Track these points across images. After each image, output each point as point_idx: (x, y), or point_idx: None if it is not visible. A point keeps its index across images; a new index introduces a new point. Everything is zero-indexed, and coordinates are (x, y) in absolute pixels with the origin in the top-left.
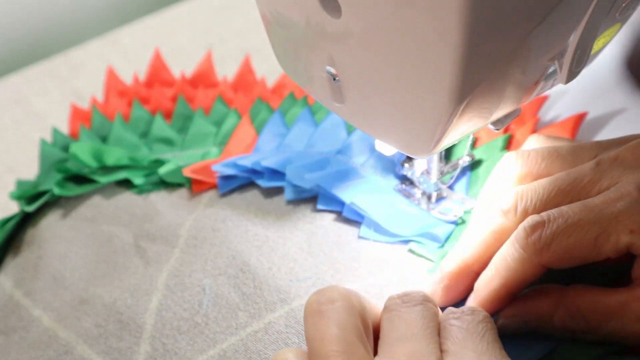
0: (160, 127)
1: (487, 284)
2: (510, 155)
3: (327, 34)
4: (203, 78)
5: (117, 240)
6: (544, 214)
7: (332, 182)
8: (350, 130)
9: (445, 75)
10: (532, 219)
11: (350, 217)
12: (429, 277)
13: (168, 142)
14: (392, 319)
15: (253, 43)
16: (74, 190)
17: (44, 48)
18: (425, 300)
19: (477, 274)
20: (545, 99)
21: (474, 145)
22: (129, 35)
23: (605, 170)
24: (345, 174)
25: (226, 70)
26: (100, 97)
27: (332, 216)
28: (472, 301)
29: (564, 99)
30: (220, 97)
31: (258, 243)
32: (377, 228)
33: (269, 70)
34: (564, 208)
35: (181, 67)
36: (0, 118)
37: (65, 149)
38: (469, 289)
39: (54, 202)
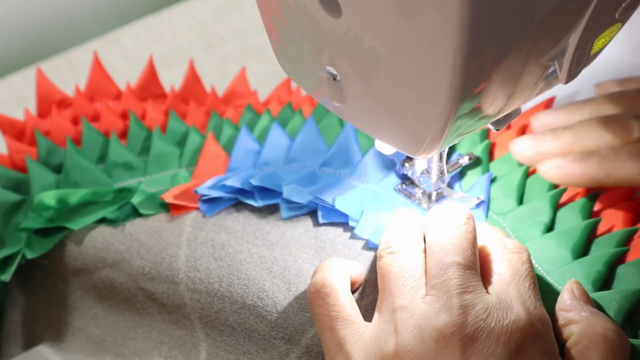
0: (118, 151)
1: (597, 165)
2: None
3: (327, 34)
4: (149, 88)
5: (119, 286)
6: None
7: (330, 194)
8: (328, 142)
9: (445, 75)
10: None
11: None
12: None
13: (128, 166)
14: (440, 236)
15: (253, 43)
16: (44, 245)
17: (44, 48)
18: (469, 218)
19: None
20: (551, 100)
21: None
22: (129, 35)
23: None
24: (338, 185)
25: (226, 71)
26: None
27: (335, 229)
28: (567, 167)
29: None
30: (173, 112)
31: (267, 265)
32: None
33: (268, 70)
34: None
35: (181, 67)
36: None
37: (15, 188)
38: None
39: (35, 265)
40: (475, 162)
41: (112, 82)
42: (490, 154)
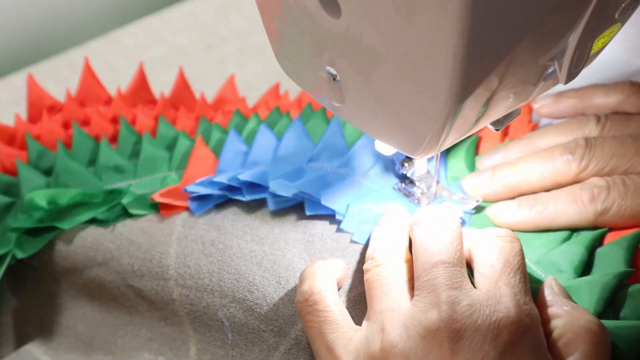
0: (108, 155)
1: (538, 215)
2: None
3: (327, 34)
4: (139, 94)
5: (108, 284)
6: (609, 179)
7: (316, 187)
8: (315, 141)
9: (444, 75)
10: (599, 183)
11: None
12: (479, 173)
13: (118, 169)
14: (425, 237)
15: (253, 43)
16: (34, 244)
17: (44, 48)
18: (455, 219)
19: (520, 194)
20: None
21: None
22: (129, 35)
23: None
24: (324, 178)
25: (226, 71)
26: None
27: (322, 223)
28: (512, 214)
29: None
30: (162, 117)
31: (257, 260)
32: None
33: (268, 70)
34: (626, 180)
35: (181, 67)
36: (0, 118)
37: (5, 191)
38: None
39: (27, 266)
40: (460, 156)
41: (103, 88)
42: (477, 147)
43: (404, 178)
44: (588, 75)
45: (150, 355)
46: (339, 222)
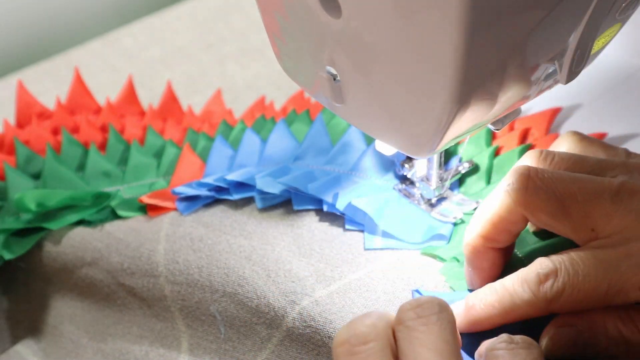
0: (97, 161)
1: (486, 311)
2: (534, 153)
3: (327, 34)
4: (128, 106)
5: (98, 283)
6: (555, 260)
7: (303, 182)
8: (299, 139)
9: (445, 75)
10: (545, 265)
11: (332, 211)
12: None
13: (107, 175)
14: (410, 341)
15: (253, 43)
16: (22, 245)
17: (44, 48)
18: (441, 311)
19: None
20: (557, 110)
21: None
22: (129, 35)
23: (623, 202)
24: (310, 175)
25: (226, 71)
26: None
27: (310, 215)
28: (463, 316)
29: (580, 112)
30: (150, 127)
31: (246, 254)
32: (383, 234)
33: (268, 70)
34: (574, 257)
35: (181, 67)
36: (0, 118)
37: None
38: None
39: (17, 269)
40: (474, 169)
41: (92, 98)
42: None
43: (404, 179)
44: (588, 75)
45: (141, 352)
46: (326, 215)
